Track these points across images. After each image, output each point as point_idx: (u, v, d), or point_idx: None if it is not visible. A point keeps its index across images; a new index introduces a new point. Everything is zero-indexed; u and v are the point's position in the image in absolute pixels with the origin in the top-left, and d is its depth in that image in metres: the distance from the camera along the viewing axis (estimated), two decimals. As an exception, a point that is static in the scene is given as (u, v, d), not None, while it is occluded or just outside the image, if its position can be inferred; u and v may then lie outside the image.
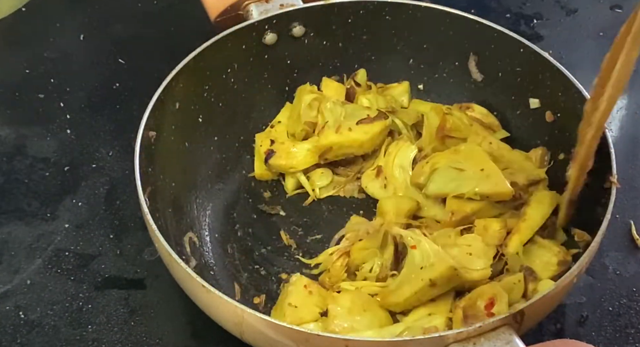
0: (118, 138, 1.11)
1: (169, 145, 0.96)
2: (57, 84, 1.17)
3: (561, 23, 1.30)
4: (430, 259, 0.82)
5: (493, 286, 0.82)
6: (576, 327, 0.92)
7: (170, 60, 0.95)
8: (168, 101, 0.94)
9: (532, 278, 0.85)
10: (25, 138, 1.11)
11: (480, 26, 1.01)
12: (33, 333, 0.91)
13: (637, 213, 1.03)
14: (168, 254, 0.80)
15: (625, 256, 0.99)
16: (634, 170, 1.08)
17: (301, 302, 0.85)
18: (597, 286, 0.96)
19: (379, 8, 1.04)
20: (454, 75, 1.07)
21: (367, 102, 1.05)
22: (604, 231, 0.81)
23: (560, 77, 0.94)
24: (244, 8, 1.04)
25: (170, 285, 0.91)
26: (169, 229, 0.91)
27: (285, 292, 0.88)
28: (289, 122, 1.04)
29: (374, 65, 1.10)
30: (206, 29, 1.03)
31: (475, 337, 0.72)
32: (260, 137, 1.04)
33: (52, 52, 1.22)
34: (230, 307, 0.75)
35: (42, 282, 0.95)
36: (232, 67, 1.02)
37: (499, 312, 0.77)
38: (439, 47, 1.06)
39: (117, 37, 1.25)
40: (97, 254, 0.98)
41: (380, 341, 0.72)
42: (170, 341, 0.91)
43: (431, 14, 1.03)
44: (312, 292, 0.86)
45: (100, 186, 1.06)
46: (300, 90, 1.04)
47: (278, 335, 0.74)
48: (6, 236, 1.00)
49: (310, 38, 1.06)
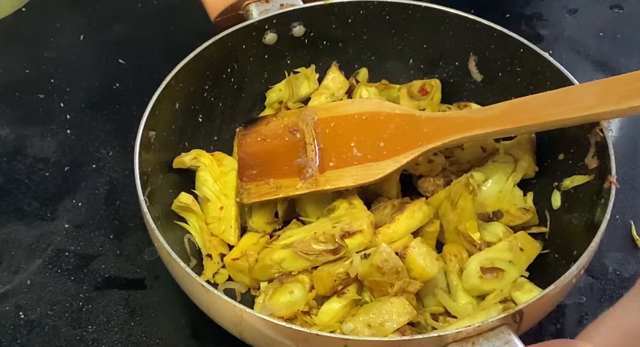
0: (118, 138, 1.11)
1: (169, 145, 0.96)
2: (57, 84, 1.18)
3: (561, 23, 1.30)
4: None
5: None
6: (576, 327, 0.92)
7: (170, 60, 0.95)
8: (168, 101, 0.94)
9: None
10: (25, 138, 1.11)
11: (480, 26, 1.01)
12: (33, 333, 0.91)
13: (637, 213, 1.03)
14: (168, 254, 0.80)
15: (625, 256, 0.99)
16: (634, 170, 1.08)
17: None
18: (597, 286, 0.96)
19: (379, 8, 1.04)
20: (454, 75, 1.07)
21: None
22: (603, 231, 0.81)
23: (560, 77, 0.94)
24: (244, 8, 1.04)
25: (170, 285, 0.91)
26: (169, 229, 0.91)
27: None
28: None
29: (374, 65, 1.10)
30: (206, 29, 1.03)
31: (474, 337, 0.72)
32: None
33: (52, 52, 1.22)
34: (229, 307, 0.75)
35: (42, 282, 0.95)
36: (232, 67, 1.02)
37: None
38: (439, 47, 1.06)
39: (117, 37, 1.25)
40: (97, 254, 0.98)
41: (379, 341, 0.72)
42: (170, 341, 0.91)
43: (431, 14, 1.03)
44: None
45: (100, 186, 1.06)
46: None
47: (277, 334, 0.74)
48: (6, 236, 1.00)
49: (310, 38, 1.06)
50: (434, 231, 0.93)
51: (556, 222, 0.94)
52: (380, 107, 0.96)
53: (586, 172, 0.90)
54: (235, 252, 0.93)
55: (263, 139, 0.99)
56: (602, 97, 0.81)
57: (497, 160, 0.98)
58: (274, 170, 0.95)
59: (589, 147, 0.89)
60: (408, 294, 0.84)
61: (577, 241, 0.86)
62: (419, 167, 0.98)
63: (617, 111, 0.81)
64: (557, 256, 0.89)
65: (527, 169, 0.97)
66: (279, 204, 0.95)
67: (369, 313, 0.82)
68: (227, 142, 1.05)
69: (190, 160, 0.96)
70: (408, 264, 0.84)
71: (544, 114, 0.85)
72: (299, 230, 0.91)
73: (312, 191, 0.91)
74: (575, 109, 0.83)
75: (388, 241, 0.87)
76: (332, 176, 0.92)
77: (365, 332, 0.80)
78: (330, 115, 0.97)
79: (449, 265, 0.90)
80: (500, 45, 1.00)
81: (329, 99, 1.06)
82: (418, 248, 0.85)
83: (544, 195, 0.96)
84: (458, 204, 0.90)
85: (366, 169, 0.91)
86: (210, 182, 0.96)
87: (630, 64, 1.22)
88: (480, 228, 0.91)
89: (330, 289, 0.86)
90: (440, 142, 0.89)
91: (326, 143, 0.95)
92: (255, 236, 0.95)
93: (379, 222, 0.90)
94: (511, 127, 0.87)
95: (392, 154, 0.91)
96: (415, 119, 0.93)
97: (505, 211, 0.94)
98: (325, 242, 0.86)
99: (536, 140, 0.98)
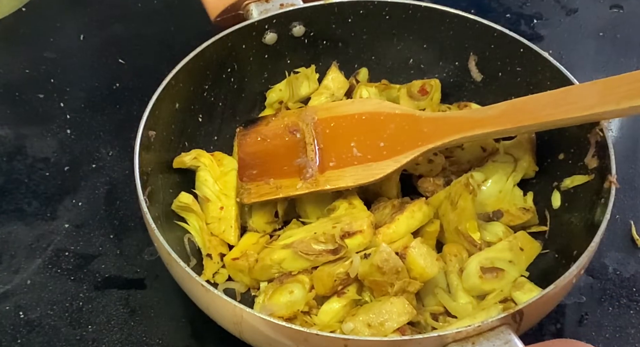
0: (118, 138, 1.11)
1: (169, 145, 0.96)
2: (57, 84, 1.18)
3: (561, 23, 1.30)
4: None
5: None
6: (576, 327, 0.92)
7: (170, 60, 0.95)
8: (168, 101, 0.94)
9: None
10: (25, 138, 1.11)
11: (480, 26, 1.01)
12: (33, 333, 0.91)
13: (637, 213, 1.03)
14: (168, 254, 0.80)
15: (625, 256, 0.99)
16: (634, 170, 1.08)
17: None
18: (597, 286, 0.96)
19: (379, 8, 1.04)
20: (454, 75, 1.07)
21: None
22: (603, 231, 0.81)
23: (560, 77, 0.94)
24: (244, 8, 1.04)
25: (170, 285, 0.91)
26: (169, 229, 0.91)
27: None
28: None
29: (374, 65, 1.10)
30: (206, 29, 1.03)
31: (474, 337, 0.72)
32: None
33: (52, 52, 1.22)
34: (229, 307, 0.75)
35: (42, 282, 0.95)
36: (232, 67, 1.02)
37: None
38: (439, 47, 1.06)
39: (117, 37, 1.25)
40: (97, 254, 0.98)
41: (379, 341, 0.72)
42: (170, 341, 0.91)
43: (431, 14, 1.03)
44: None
45: (100, 186, 1.06)
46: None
47: (277, 334, 0.74)
48: (6, 236, 1.00)
49: (310, 38, 1.06)
50: (434, 231, 0.93)
51: (556, 222, 0.94)
52: (380, 107, 0.96)
53: (586, 172, 0.90)
54: (235, 252, 0.93)
55: (263, 139, 0.99)
56: (602, 97, 0.81)
57: (497, 160, 0.98)
58: (274, 170, 0.95)
59: (589, 147, 0.89)
60: (408, 294, 0.84)
61: (577, 241, 0.86)
62: (419, 167, 0.98)
63: (617, 111, 0.81)
64: (557, 256, 0.89)
65: (527, 169, 0.97)
66: (279, 204, 0.95)
67: (369, 313, 0.82)
68: (227, 142, 1.05)
69: (190, 160, 0.96)
70: (408, 264, 0.84)
71: (544, 114, 0.85)
72: (299, 230, 0.91)
73: (312, 191, 0.91)
74: (575, 108, 0.83)
75: (388, 241, 0.87)
76: (332, 176, 0.92)
77: (365, 332, 0.80)
78: (330, 115, 0.97)
79: (449, 265, 0.90)
80: (500, 45, 1.00)
81: (329, 99, 1.06)
82: (418, 248, 0.85)
83: (544, 195, 0.96)
84: (458, 204, 0.90)
85: (366, 169, 0.91)
86: (211, 182, 0.96)
87: (630, 64, 1.22)
88: (480, 228, 0.91)
89: (330, 289, 0.86)
90: (440, 142, 0.89)
91: (326, 143, 0.95)
92: (255, 236, 0.95)
93: (379, 222, 0.90)
94: (511, 127, 0.87)
95: (392, 154, 0.91)
96: (415, 119, 0.93)
97: (505, 211, 0.95)
98: (325, 243, 0.86)
99: (536, 140, 0.98)
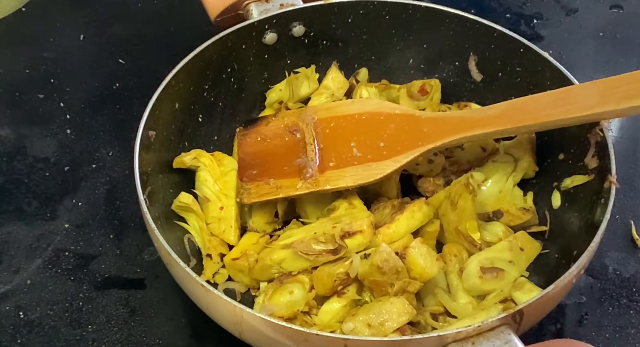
0: (118, 138, 1.11)
1: (169, 145, 0.96)
2: (57, 84, 1.18)
3: (561, 23, 1.30)
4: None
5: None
6: (576, 327, 0.92)
7: (170, 60, 0.95)
8: (168, 101, 0.94)
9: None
10: (25, 138, 1.11)
11: (480, 26, 1.01)
12: (33, 333, 0.91)
13: (637, 213, 1.03)
14: (168, 254, 0.80)
15: (625, 256, 0.99)
16: (634, 170, 1.08)
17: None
18: (597, 286, 0.96)
19: (379, 8, 1.04)
20: (454, 75, 1.07)
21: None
22: (603, 230, 0.81)
23: (560, 77, 0.94)
24: (244, 8, 1.04)
25: (170, 285, 0.91)
26: (168, 229, 0.91)
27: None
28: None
29: (374, 65, 1.10)
30: (206, 29, 1.03)
31: (474, 337, 0.72)
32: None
33: (52, 52, 1.22)
34: (229, 307, 0.75)
35: (42, 282, 0.95)
36: (232, 67, 1.02)
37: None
38: (439, 47, 1.06)
39: (117, 37, 1.26)
40: (97, 254, 0.98)
41: (379, 341, 0.72)
42: (170, 341, 0.91)
43: (431, 14, 1.03)
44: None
45: (100, 186, 1.06)
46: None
47: (277, 334, 0.74)
48: (6, 236, 1.00)
49: (310, 38, 1.06)
50: (434, 231, 0.93)
51: (556, 222, 0.94)
52: (380, 107, 0.96)
53: (586, 172, 0.90)
54: (235, 252, 0.93)
55: (263, 139, 0.99)
56: (602, 97, 0.81)
57: (497, 160, 0.98)
58: (274, 170, 0.95)
59: (589, 147, 0.89)
60: (408, 294, 0.84)
61: (577, 241, 0.86)
62: (419, 167, 0.98)
63: (617, 111, 0.81)
64: (557, 256, 0.89)
65: (527, 169, 0.97)
66: (279, 204, 0.95)
67: (369, 313, 0.82)
68: (227, 142, 1.05)
69: (190, 160, 0.96)
70: (408, 264, 0.84)
71: (544, 114, 0.85)
72: (299, 230, 0.91)
73: (312, 191, 0.91)
74: (575, 108, 0.83)
75: (388, 241, 0.87)
76: (332, 176, 0.92)
77: (365, 332, 0.80)
78: (330, 115, 0.97)
79: (449, 265, 0.90)
80: (500, 45, 1.00)
81: (329, 99, 1.06)
82: (418, 248, 0.85)
83: (544, 195, 0.96)
84: (458, 204, 0.90)
85: (366, 169, 0.91)
86: (211, 182, 0.96)
87: (630, 64, 1.22)
88: (480, 228, 0.91)
89: (330, 289, 0.86)
90: (440, 142, 0.89)
91: (326, 143, 0.95)
92: (255, 236, 0.95)
93: (379, 222, 0.90)
94: (511, 127, 0.87)
95: (392, 154, 0.91)
96: (415, 119, 0.93)
97: (505, 211, 0.95)
98: (325, 243, 0.86)
99: (536, 140, 0.98)
